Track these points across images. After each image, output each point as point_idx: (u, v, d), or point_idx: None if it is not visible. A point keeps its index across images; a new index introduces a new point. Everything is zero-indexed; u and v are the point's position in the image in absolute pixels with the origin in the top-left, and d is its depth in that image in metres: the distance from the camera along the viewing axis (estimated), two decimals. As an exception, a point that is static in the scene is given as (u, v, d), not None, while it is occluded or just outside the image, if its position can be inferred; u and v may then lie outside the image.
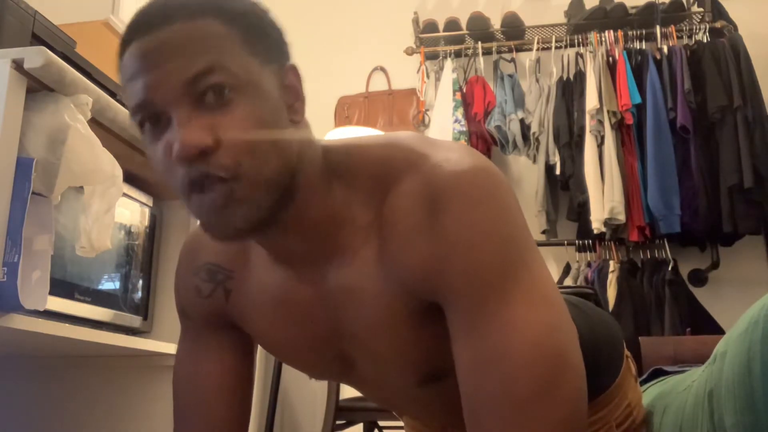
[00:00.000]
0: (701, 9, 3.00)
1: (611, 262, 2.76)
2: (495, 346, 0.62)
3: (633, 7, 3.03)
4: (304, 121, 0.73)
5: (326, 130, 2.50)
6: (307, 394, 2.96)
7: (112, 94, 1.32)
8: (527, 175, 3.11)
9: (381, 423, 2.25)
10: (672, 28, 2.95)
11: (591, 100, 2.79)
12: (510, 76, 3.09)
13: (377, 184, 0.71)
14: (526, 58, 3.13)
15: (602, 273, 2.75)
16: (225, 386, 0.85)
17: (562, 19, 3.17)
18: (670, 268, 2.68)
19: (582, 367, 0.65)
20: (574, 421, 0.62)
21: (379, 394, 0.93)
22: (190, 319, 0.89)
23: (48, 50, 1.10)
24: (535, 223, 2.94)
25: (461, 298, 0.64)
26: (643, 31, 2.95)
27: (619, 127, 2.80)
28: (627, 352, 0.93)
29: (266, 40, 0.70)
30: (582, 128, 2.81)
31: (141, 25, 0.66)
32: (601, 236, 2.76)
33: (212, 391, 0.85)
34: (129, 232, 1.57)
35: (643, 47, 2.94)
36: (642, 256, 2.80)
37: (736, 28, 2.91)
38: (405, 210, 0.68)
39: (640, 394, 0.96)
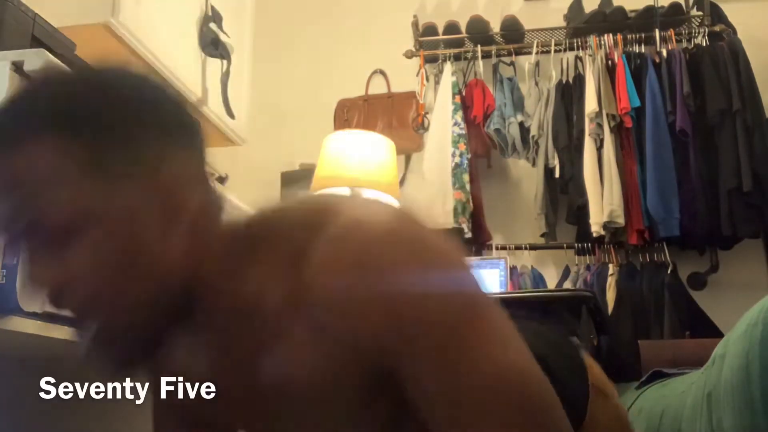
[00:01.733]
0: (700, 13, 3.00)
1: (610, 266, 2.76)
2: (476, 387, 0.58)
3: (632, 11, 3.03)
4: (199, 207, 0.63)
5: (326, 133, 2.50)
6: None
7: (112, 97, 1.32)
8: (526, 179, 3.10)
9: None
10: (671, 32, 2.95)
11: (590, 104, 2.79)
12: (509, 79, 3.09)
13: (287, 255, 0.62)
14: (526, 62, 3.12)
15: (601, 276, 2.75)
16: None
17: (562, 23, 3.17)
18: (669, 272, 2.68)
19: (557, 399, 0.61)
20: None
21: None
22: None
23: (48, 52, 1.10)
24: (534, 226, 2.94)
25: (418, 361, 0.59)
26: (642, 35, 2.95)
27: (619, 130, 2.79)
28: (592, 378, 0.86)
29: (134, 131, 0.61)
30: (581, 131, 2.81)
31: None
32: (600, 239, 2.76)
33: None
34: (128, 235, 1.57)
35: (642, 51, 2.94)
36: (641, 260, 2.79)
37: (735, 31, 2.91)
38: (330, 279, 0.59)
39: (613, 409, 0.90)
